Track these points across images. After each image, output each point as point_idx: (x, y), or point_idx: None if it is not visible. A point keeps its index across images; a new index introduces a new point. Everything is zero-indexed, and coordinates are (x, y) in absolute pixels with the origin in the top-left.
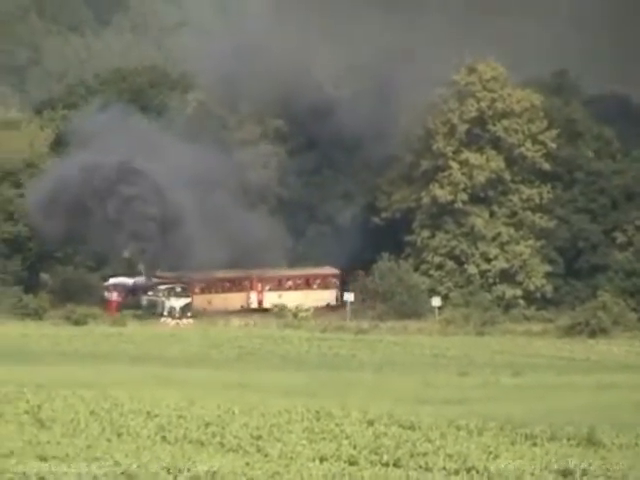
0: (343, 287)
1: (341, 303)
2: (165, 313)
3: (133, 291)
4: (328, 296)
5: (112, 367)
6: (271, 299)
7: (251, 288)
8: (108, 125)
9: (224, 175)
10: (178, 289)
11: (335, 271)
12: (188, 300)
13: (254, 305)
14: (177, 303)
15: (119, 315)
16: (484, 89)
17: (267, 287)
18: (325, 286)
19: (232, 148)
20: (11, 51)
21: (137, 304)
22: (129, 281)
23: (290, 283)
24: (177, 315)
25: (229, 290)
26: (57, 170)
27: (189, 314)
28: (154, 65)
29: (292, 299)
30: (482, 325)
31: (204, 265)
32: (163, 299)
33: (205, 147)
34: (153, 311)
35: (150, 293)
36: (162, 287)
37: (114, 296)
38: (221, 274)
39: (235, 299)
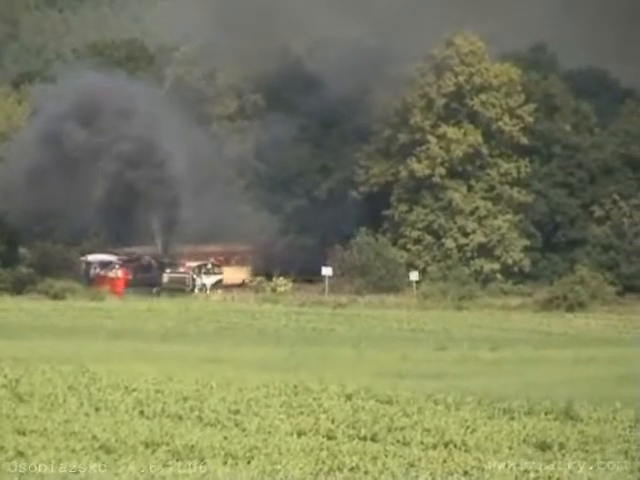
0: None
1: (253, 280)
2: (196, 291)
3: (147, 268)
4: (244, 273)
5: (90, 342)
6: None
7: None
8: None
9: (202, 150)
10: (209, 266)
11: (249, 248)
12: (220, 277)
13: None
14: (209, 280)
15: (124, 293)
16: (462, 63)
17: (189, 264)
18: (242, 263)
19: (210, 122)
20: None
21: (151, 281)
22: (110, 258)
23: (213, 260)
24: (208, 293)
25: (108, 265)
26: (18, 140)
27: (219, 291)
28: (131, 39)
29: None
30: (460, 299)
31: (178, 240)
32: (194, 276)
33: (183, 121)
34: (179, 288)
35: (168, 270)
36: (192, 264)
37: (118, 273)
38: (155, 250)
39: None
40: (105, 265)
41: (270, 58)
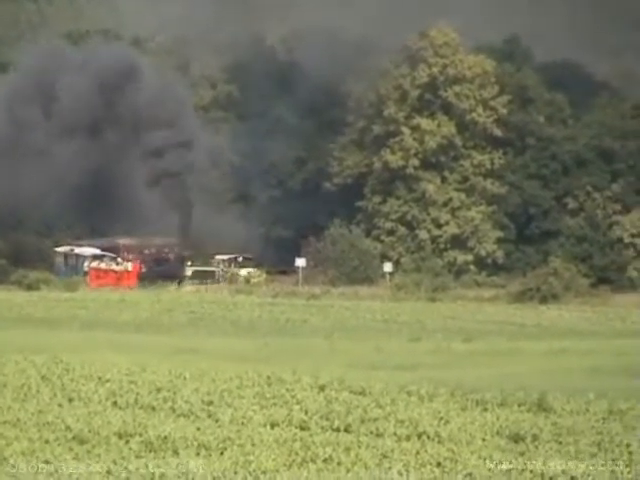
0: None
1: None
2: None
3: (161, 260)
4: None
5: (64, 332)
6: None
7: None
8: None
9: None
10: (240, 259)
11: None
12: (251, 269)
13: None
14: (242, 273)
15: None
16: (436, 55)
17: (130, 256)
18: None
19: None
20: None
21: (169, 274)
22: (93, 250)
23: (147, 252)
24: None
25: (101, 258)
26: None
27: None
28: (106, 29)
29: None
30: (433, 291)
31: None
32: (224, 269)
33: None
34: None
35: (189, 263)
36: (222, 257)
37: (129, 266)
38: (99, 242)
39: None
40: (99, 258)
41: (245, 48)
